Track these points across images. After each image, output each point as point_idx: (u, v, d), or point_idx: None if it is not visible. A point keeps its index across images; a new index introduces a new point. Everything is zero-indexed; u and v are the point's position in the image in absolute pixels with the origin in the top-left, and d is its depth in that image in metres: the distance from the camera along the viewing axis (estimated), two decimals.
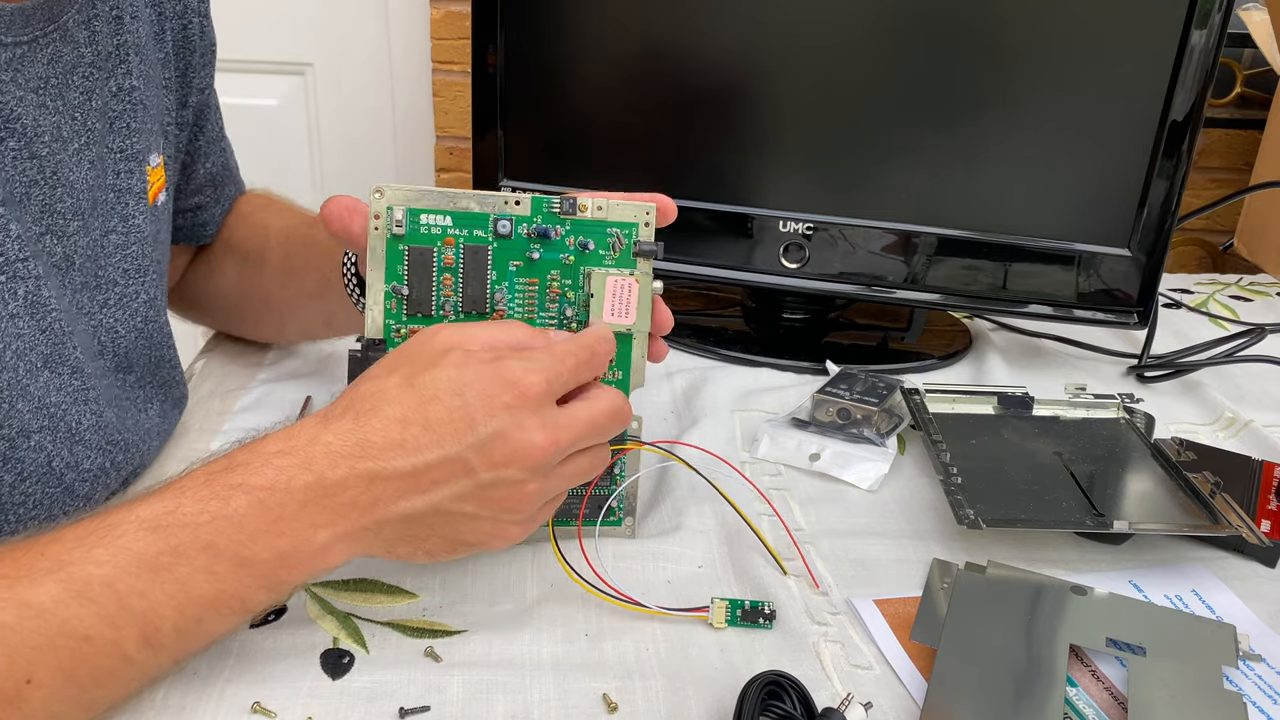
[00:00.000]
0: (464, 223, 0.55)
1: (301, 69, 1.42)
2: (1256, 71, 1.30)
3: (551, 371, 0.48)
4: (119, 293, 0.59)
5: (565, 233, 0.55)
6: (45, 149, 0.53)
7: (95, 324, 0.58)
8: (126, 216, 0.60)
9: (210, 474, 0.45)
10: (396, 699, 0.47)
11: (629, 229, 0.56)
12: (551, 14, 0.84)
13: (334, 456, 0.46)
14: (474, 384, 0.47)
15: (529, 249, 0.55)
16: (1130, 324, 0.83)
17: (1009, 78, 0.80)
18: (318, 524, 0.46)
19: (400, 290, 0.55)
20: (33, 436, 0.53)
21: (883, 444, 0.70)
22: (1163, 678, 0.50)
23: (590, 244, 0.56)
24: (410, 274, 0.55)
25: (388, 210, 0.54)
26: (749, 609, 0.53)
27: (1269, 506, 0.63)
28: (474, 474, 0.47)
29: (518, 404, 0.47)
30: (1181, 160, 0.78)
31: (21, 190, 0.52)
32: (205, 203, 0.76)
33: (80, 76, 0.56)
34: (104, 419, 0.58)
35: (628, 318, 0.56)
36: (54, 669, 0.41)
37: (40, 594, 0.41)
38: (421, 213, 0.54)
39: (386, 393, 0.47)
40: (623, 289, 0.55)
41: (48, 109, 0.54)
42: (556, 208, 0.55)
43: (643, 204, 0.56)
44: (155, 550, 0.43)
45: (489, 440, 0.47)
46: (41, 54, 0.53)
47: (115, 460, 0.60)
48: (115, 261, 0.59)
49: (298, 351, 0.83)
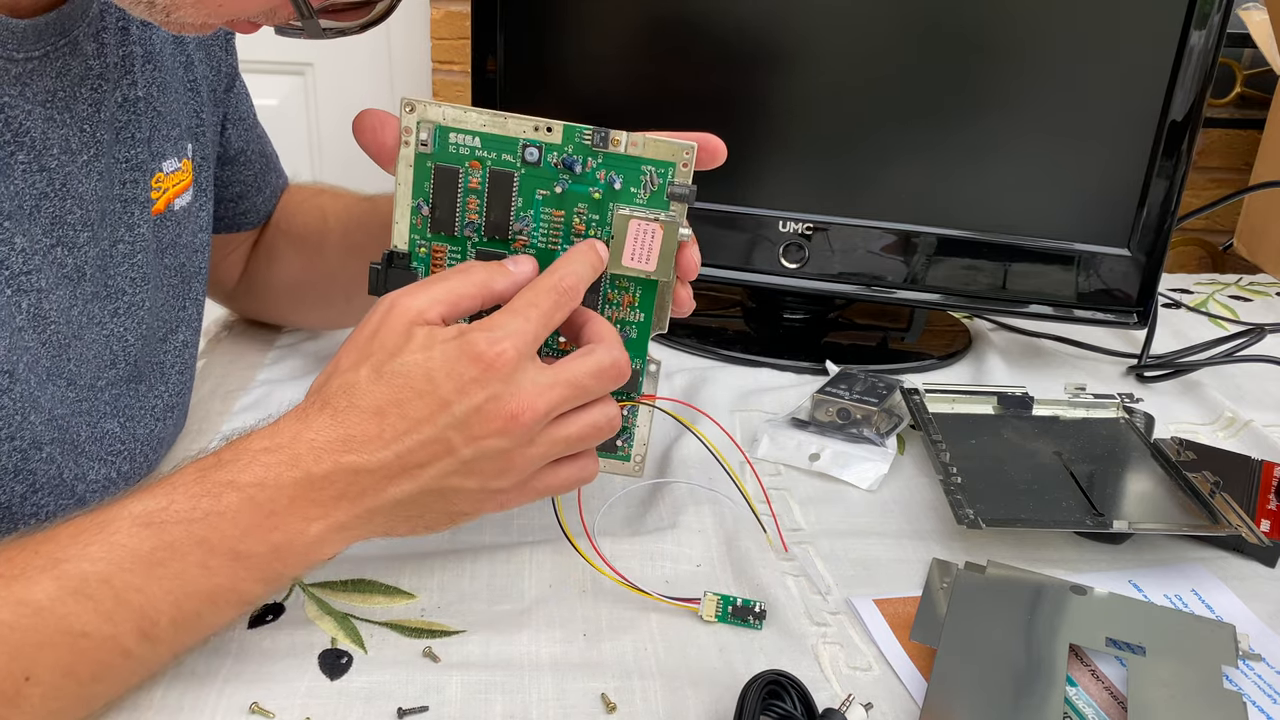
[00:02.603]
0: (492, 145, 0.53)
1: (301, 69, 1.42)
2: (1256, 71, 1.30)
3: (518, 334, 0.48)
4: (127, 302, 0.60)
5: (596, 166, 0.53)
6: (54, 161, 0.53)
7: (107, 334, 0.58)
8: (132, 226, 0.60)
9: (201, 470, 0.45)
10: (395, 699, 0.47)
11: (665, 168, 0.53)
12: (551, 14, 0.84)
13: (317, 452, 0.46)
14: (442, 365, 0.47)
15: (556, 179, 0.53)
16: (1130, 324, 0.83)
17: (1009, 77, 0.80)
18: (310, 517, 0.46)
19: (424, 208, 0.53)
20: (44, 449, 0.53)
21: (882, 444, 0.70)
22: (1162, 677, 0.50)
23: (618, 182, 0.53)
24: (435, 193, 0.53)
25: (417, 124, 0.52)
26: (740, 606, 0.53)
27: (1269, 506, 0.63)
28: (456, 451, 0.47)
29: (486, 377, 0.47)
30: (1181, 160, 0.78)
31: (32, 203, 0.52)
32: (246, 191, 0.76)
33: (89, 89, 0.56)
34: (102, 429, 0.58)
35: (648, 264, 0.53)
36: (52, 666, 0.41)
37: (37, 592, 0.41)
38: (451, 131, 0.52)
39: (358, 385, 0.47)
40: (645, 233, 0.53)
41: (55, 122, 0.54)
42: (589, 139, 0.52)
43: (683, 143, 0.53)
44: (150, 546, 0.43)
45: (466, 417, 0.47)
46: (51, 68, 0.53)
47: (122, 470, 0.60)
48: (123, 271, 0.59)
49: (298, 351, 0.83)
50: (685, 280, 0.56)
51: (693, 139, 0.53)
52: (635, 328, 0.56)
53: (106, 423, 0.58)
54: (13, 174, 0.51)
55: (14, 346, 0.51)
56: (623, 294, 0.56)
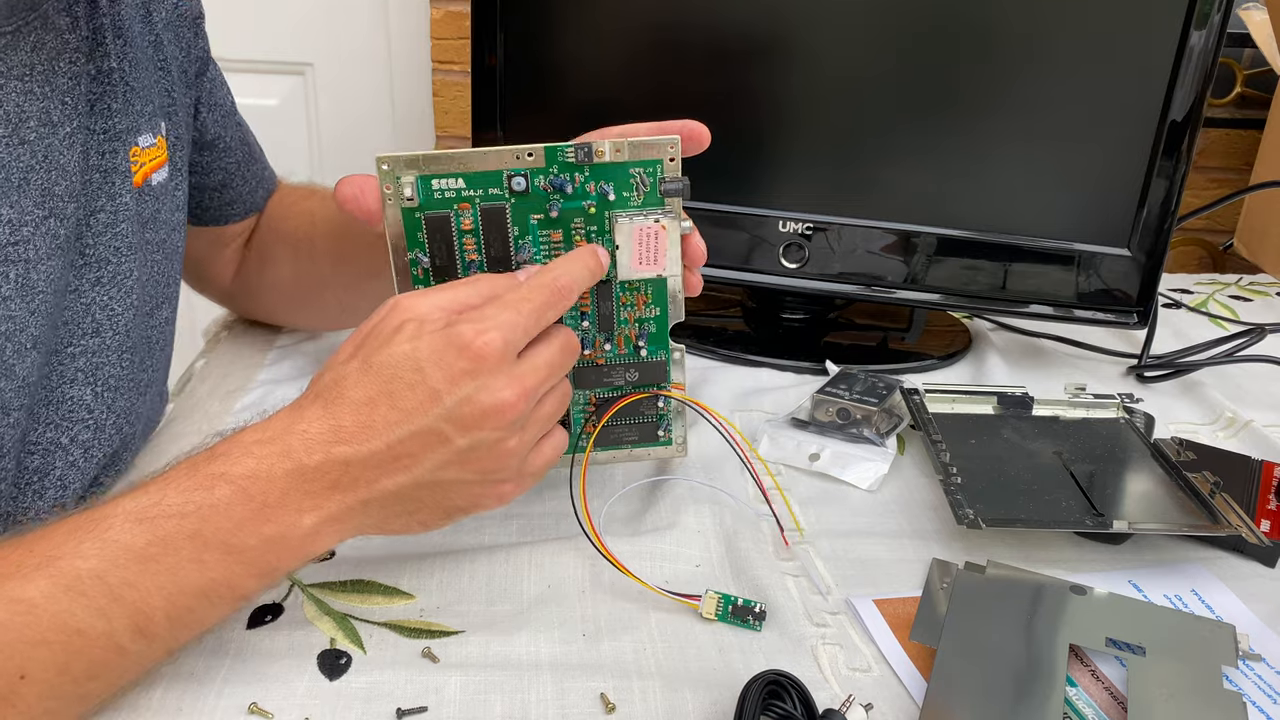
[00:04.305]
0: (477, 183, 0.53)
1: (301, 69, 1.42)
2: (1256, 71, 1.30)
3: (507, 325, 0.48)
4: (111, 271, 0.60)
5: (585, 179, 0.53)
6: (33, 134, 0.54)
7: (87, 302, 0.59)
8: (114, 195, 0.60)
9: (193, 465, 0.46)
10: (394, 699, 0.47)
11: (653, 167, 0.53)
12: (551, 13, 0.84)
13: (309, 443, 0.46)
14: (429, 355, 0.47)
15: (548, 202, 0.53)
16: (1130, 324, 0.83)
17: (1009, 78, 0.79)
18: (303, 509, 0.46)
19: (423, 260, 0.53)
20: (12, 414, 0.54)
21: (882, 444, 0.70)
22: (1162, 677, 0.50)
23: (610, 190, 0.53)
24: (431, 243, 0.53)
25: (396, 181, 0.52)
26: (740, 606, 0.53)
27: (1269, 506, 0.63)
28: (450, 442, 0.47)
29: (476, 367, 0.47)
30: (1181, 160, 0.78)
31: (19, 176, 0.53)
32: (230, 179, 0.76)
33: (66, 62, 0.57)
34: (65, 394, 0.58)
35: (656, 265, 0.54)
36: (47, 664, 0.41)
37: (30, 590, 0.41)
38: (433, 179, 0.52)
39: (347, 377, 0.47)
40: (648, 236, 0.53)
41: (35, 95, 0.54)
42: (572, 156, 0.52)
43: (665, 139, 0.53)
44: (143, 541, 0.43)
45: (457, 407, 0.47)
46: (25, 42, 0.54)
47: (79, 438, 0.60)
48: (105, 240, 0.59)
49: (298, 351, 0.83)
50: (694, 267, 0.56)
51: (674, 129, 0.53)
52: (653, 323, 0.57)
53: (74, 389, 0.59)
54: None
55: None
56: (636, 294, 0.56)
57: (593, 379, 0.58)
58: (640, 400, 0.59)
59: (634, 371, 0.58)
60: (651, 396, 0.59)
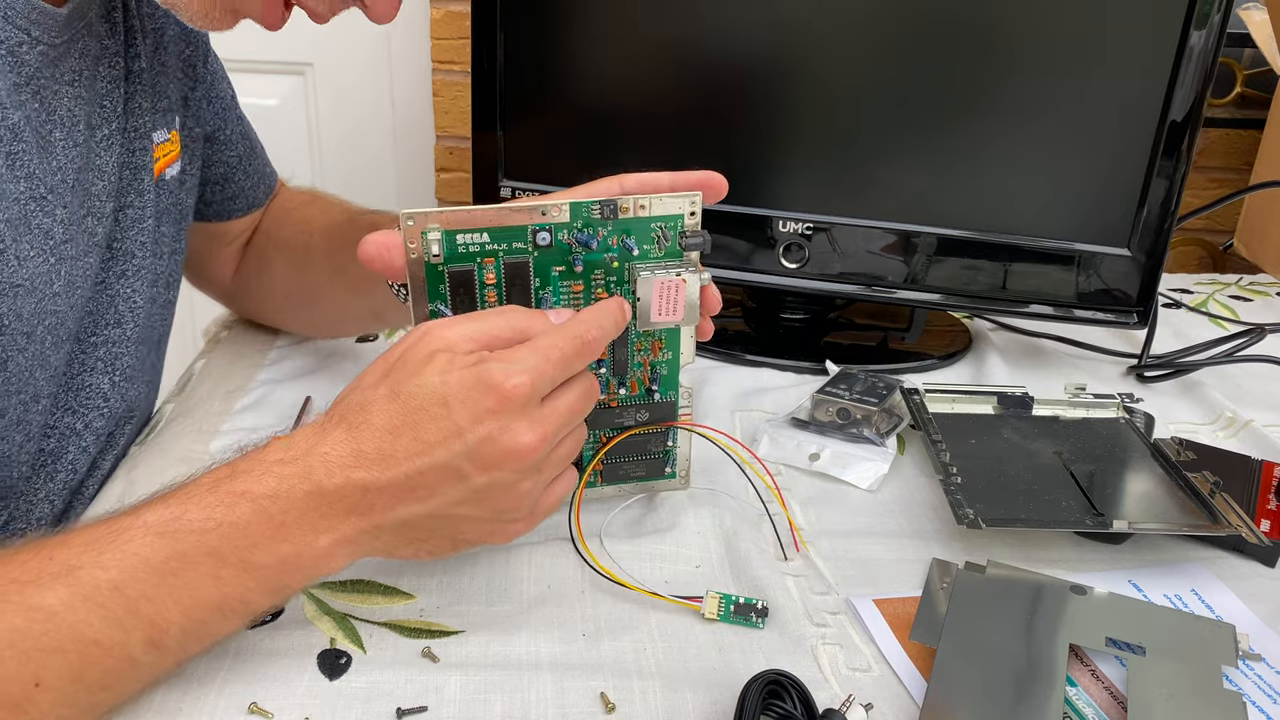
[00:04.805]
0: (501, 238, 0.53)
1: (301, 69, 1.42)
2: (1256, 71, 1.30)
3: (536, 371, 0.48)
4: (136, 264, 0.63)
5: (607, 234, 0.54)
6: (82, 136, 0.57)
7: (113, 294, 0.61)
8: (141, 191, 0.63)
9: (215, 480, 0.46)
10: (394, 699, 0.47)
11: (674, 221, 0.54)
12: (552, 13, 0.84)
13: (330, 465, 0.46)
14: (457, 391, 0.47)
15: (571, 256, 0.54)
16: (1130, 324, 0.83)
17: (1009, 78, 0.79)
18: (319, 529, 0.46)
19: (444, 312, 0.53)
20: (43, 400, 0.56)
21: (882, 444, 0.70)
22: (1162, 677, 0.50)
23: (633, 245, 0.54)
24: (454, 295, 0.53)
25: (422, 236, 0.52)
26: (742, 604, 0.53)
27: (1269, 506, 0.63)
28: (468, 479, 0.47)
29: (501, 408, 0.47)
30: (1181, 160, 0.78)
31: (73, 176, 0.55)
32: (231, 173, 0.77)
33: (106, 65, 0.59)
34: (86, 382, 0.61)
35: (675, 315, 0.55)
36: (62, 672, 0.41)
37: (49, 598, 0.41)
38: (458, 234, 0.52)
39: (374, 403, 0.47)
40: (669, 289, 0.54)
41: (82, 99, 0.57)
42: (597, 212, 0.53)
43: (687, 194, 0.54)
44: (163, 555, 0.43)
45: (478, 446, 0.46)
46: (74, 49, 0.56)
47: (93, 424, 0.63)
48: (131, 234, 0.62)
49: (298, 351, 0.83)
50: (708, 315, 0.58)
51: (695, 182, 0.55)
52: (666, 365, 0.59)
53: (94, 377, 0.61)
54: (54, 151, 0.54)
55: (41, 311, 0.54)
56: (651, 340, 0.58)
57: (604, 420, 0.59)
58: (649, 437, 0.60)
59: (644, 412, 0.60)
60: (661, 433, 0.60)
